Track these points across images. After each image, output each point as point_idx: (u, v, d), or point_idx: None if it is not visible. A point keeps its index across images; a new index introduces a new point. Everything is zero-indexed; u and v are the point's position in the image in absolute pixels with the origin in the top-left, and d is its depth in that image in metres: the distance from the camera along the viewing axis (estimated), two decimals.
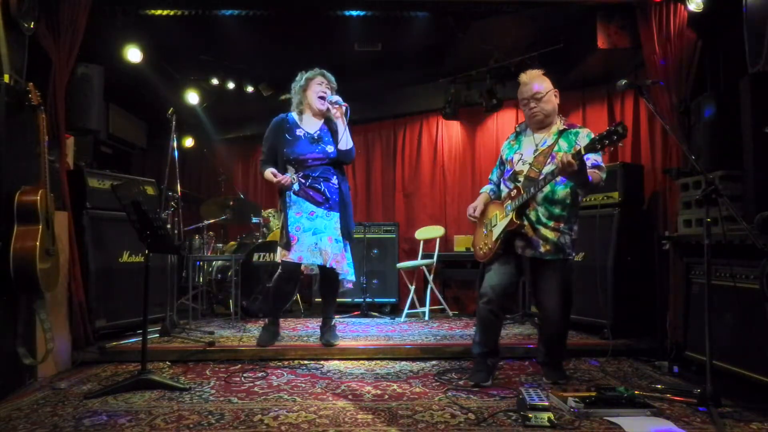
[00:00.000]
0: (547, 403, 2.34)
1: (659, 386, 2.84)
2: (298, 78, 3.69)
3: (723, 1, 3.37)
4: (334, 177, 3.61)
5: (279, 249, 3.64)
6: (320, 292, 3.84)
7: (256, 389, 2.85)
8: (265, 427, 2.28)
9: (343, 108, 3.55)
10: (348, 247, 3.64)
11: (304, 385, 2.91)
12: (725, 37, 3.47)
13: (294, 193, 3.55)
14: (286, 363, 3.40)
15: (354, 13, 4.16)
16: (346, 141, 3.57)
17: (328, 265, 3.48)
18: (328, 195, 3.55)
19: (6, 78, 2.93)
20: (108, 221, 3.84)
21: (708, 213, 2.49)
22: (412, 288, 5.24)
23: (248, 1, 4.06)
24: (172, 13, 4.11)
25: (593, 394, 2.50)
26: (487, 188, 3.19)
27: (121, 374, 3.19)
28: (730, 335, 2.75)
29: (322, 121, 3.68)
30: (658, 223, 3.82)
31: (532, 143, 2.96)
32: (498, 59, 5.29)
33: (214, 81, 5.92)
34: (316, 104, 3.60)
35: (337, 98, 3.57)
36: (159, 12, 4.11)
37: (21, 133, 2.98)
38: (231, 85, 5.99)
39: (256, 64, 5.71)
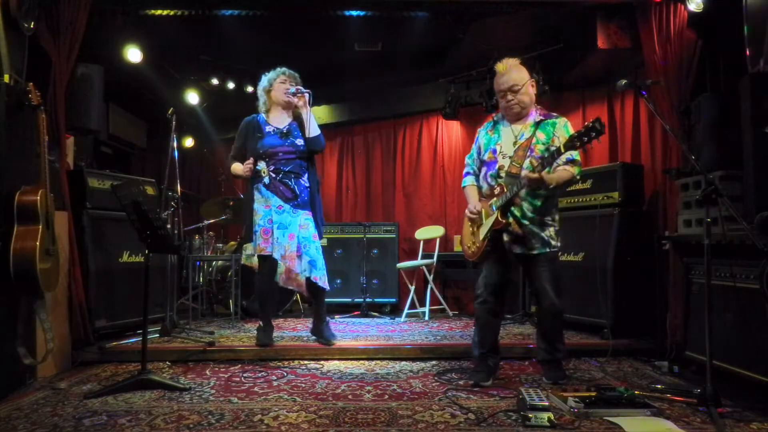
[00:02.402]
0: (547, 403, 2.34)
1: (659, 386, 2.84)
2: (261, 81, 3.75)
3: (723, 1, 3.37)
4: (306, 174, 3.67)
5: (251, 245, 3.61)
6: (308, 295, 3.79)
7: (256, 389, 2.85)
8: (265, 427, 2.28)
9: (306, 96, 3.60)
10: (315, 244, 3.61)
11: (304, 385, 2.91)
12: (725, 37, 3.47)
13: (264, 185, 3.59)
14: (286, 363, 3.40)
15: (354, 13, 4.15)
16: (312, 128, 3.62)
17: (281, 261, 3.51)
18: (297, 192, 3.60)
19: (6, 78, 2.93)
20: (108, 221, 3.83)
21: (708, 213, 2.49)
22: (412, 288, 5.24)
23: (248, 1, 4.06)
24: (172, 13, 4.11)
25: (593, 394, 2.50)
26: (471, 180, 3.12)
27: (121, 374, 3.19)
28: (730, 335, 2.75)
29: (291, 118, 3.74)
30: (658, 223, 3.81)
31: (510, 135, 2.94)
32: (498, 59, 5.27)
33: (214, 81, 5.91)
34: (283, 98, 3.64)
35: (298, 87, 3.63)
36: (159, 12, 4.11)
37: (21, 133, 2.98)
38: (231, 85, 5.98)
39: (256, 64, 5.70)
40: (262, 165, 3.59)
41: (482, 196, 3.00)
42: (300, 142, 3.65)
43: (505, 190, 2.80)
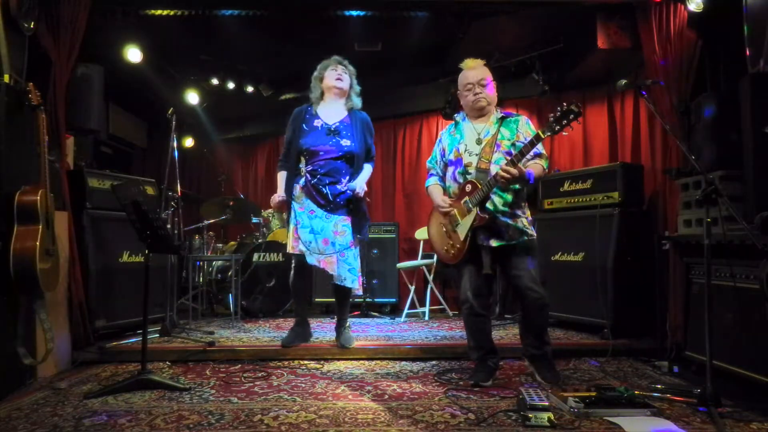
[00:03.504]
0: (547, 403, 2.34)
1: (659, 386, 2.84)
2: (316, 71, 3.68)
3: (723, 1, 3.37)
4: (345, 177, 3.48)
5: (289, 239, 3.57)
6: (333, 294, 3.79)
7: (256, 389, 2.85)
8: (265, 427, 2.28)
9: (360, 192, 3.49)
10: (353, 252, 3.54)
11: (304, 385, 2.91)
12: (725, 37, 3.47)
13: (299, 187, 3.51)
14: (286, 363, 3.40)
15: (354, 13, 4.15)
16: (363, 181, 3.53)
17: (320, 266, 3.47)
18: (330, 198, 3.45)
19: (6, 78, 2.93)
20: (108, 221, 3.84)
21: (708, 213, 2.49)
22: (412, 288, 5.24)
23: (248, 1, 4.06)
24: (172, 13, 4.11)
25: (593, 394, 2.50)
26: (434, 180, 3.12)
27: (121, 374, 3.19)
28: (730, 335, 2.75)
29: (346, 113, 3.59)
30: (658, 223, 3.82)
31: (473, 132, 2.95)
32: (498, 59, 5.29)
33: (214, 81, 5.92)
34: (334, 84, 3.56)
35: (354, 189, 3.48)
36: (159, 12, 4.11)
37: (21, 133, 2.99)
38: (231, 85, 5.98)
39: (256, 64, 5.71)
40: (302, 162, 3.49)
41: (451, 195, 2.99)
42: (346, 143, 3.46)
43: (479, 186, 2.79)
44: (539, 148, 2.80)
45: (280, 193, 3.56)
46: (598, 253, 3.84)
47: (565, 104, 2.56)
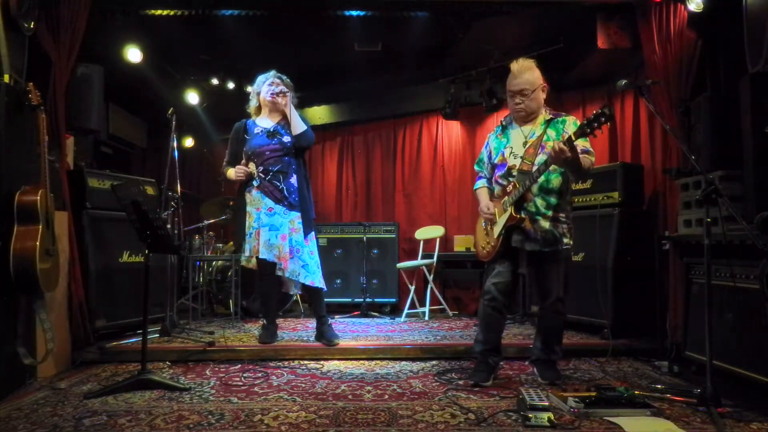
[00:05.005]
0: (547, 403, 2.34)
1: (659, 386, 2.84)
2: (255, 82, 3.82)
3: (723, 1, 3.37)
4: (294, 174, 3.67)
5: (246, 248, 3.67)
6: (306, 297, 3.87)
7: (256, 389, 2.85)
8: (265, 427, 2.28)
9: (288, 95, 3.64)
10: (308, 247, 3.63)
11: (304, 385, 2.91)
12: (725, 37, 3.47)
13: (255, 188, 3.64)
14: (286, 363, 3.40)
15: (354, 13, 4.15)
16: (297, 125, 3.64)
17: (277, 262, 3.56)
18: (286, 194, 3.62)
19: (6, 78, 2.93)
20: (108, 221, 3.84)
21: (708, 213, 2.49)
22: (412, 288, 5.24)
23: (248, 1, 4.06)
24: (172, 13, 4.11)
25: (593, 394, 2.50)
26: (482, 182, 3.15)
27: (121, 374, 3.19)
28: (730, 335, 2.75)
29: (280, 118, 3.74)
30: (658, 223, 3.82)
31: (520, 136, 2.95)
32: (498, 59, 5.29)
33: (214, 81, 5.92)
34: (268, 98, 3.68)
35: (281, 88, 3.66)
36: (159, 12, 4.11)
37: (21, 133, 2.98)
38: (231, 85, 5.99)
39: (256, 64, 5.69)
40: (252, 167, 3.65)
41: (494, 197, 3.01)
42: (287, 139, 3.66)
43: (518, 186, 2.81)
44: (587, 146, 2.79)
45: (237, 169, 3.64)
46: (598, 253, 3.85)
47: (599, 108, 2.56)
